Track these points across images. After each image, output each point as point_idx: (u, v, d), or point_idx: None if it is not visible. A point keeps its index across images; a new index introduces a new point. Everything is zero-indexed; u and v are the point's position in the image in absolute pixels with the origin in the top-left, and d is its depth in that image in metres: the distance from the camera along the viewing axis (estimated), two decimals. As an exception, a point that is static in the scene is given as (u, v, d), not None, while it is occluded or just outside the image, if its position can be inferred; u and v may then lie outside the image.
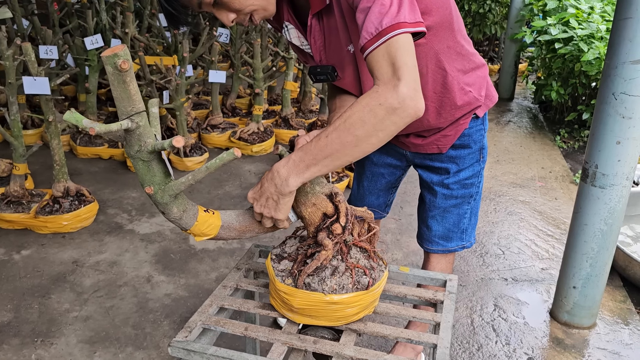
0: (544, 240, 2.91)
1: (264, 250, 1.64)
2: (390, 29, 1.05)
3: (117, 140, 1.17)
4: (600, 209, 2.01)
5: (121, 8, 4.34)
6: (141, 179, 1.18)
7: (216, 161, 1.12)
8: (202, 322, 1.32)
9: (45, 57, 3.27)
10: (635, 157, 1.93)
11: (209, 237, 1.32)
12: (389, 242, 2.82)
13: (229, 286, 1.46)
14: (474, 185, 1.68)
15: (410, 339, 1.30)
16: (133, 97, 1.06)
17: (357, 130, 1.08)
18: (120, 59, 1.00)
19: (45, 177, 3.36)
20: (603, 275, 2.13)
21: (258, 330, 1.29)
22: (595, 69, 3.78)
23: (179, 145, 1.05)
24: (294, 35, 1.40)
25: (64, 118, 0.98)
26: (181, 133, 3.61)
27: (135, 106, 1.07)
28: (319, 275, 1.26)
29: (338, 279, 1.26)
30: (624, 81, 1.82)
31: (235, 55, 4.22)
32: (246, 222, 1.35)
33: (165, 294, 2.37)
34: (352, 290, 1.26)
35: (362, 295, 1.27)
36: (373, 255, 1.34)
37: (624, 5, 1.76)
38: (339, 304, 1.26)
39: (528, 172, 3.76)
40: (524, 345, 2.13)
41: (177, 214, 1.24)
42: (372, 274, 1.30)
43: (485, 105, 1.57)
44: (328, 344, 1.26)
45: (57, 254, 2.64)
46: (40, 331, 2.12)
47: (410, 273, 1.56)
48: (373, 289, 1.29)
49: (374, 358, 1.21)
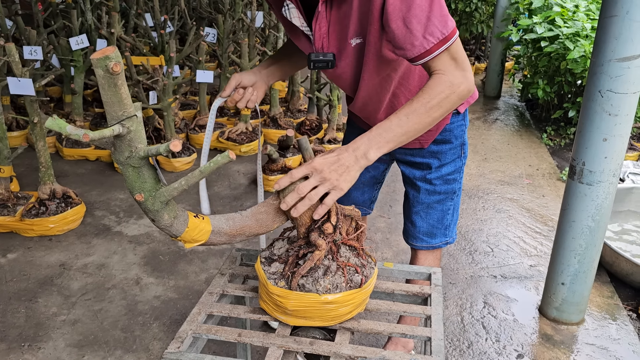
0: (532, 237, 2.93)
1: (246, 254, 1.63)
2: (452, 32, 1.22)
3: (104, 147, 1.11)
4: (587, 205, 2.02)
5: (107, 8, 4.30)
6: (130, 186, 1.15)
7: (210, 164, 1.09)
8: (192, 331, 1.30)
9: (29, 57, 3.22)
10: (622, 154, 1.95)
11: (200, 243, 1.30)
12: (379, 241, 2.82)
13: (215, 292, 1.44)
14: (456, 181, 1.71)
15: (404, 334, 1.31)
16: (124, 101, 1.03)
17: (434, 113, 1.24)
18: (112, 61, 0.97)
19: (31, 179, 3.32)
20: (591, 272, 2.15)
21: (252, 335, 1.28)
22: (581, 67, 3.82)
23: (176, 149, 1.01)
24: (295, 15, 1.38)
25: (46, 125, 0.94)
26: (169, 134, 3.59)
27: (126, 110, 1.03)
28: (312, 275, 1.26)
29: (331, 278, 1.26)
30: (610, 79, 1.84)
31: (223, 55, 4.20)
32: (236, 226, 1.32)
33: (155, 296, 2.35)
34: (345, 288, 1.26)
35: (356, 293, 1.27)
36: (362, 253, 1.34)
37: (610, 4, 1.77)
38: (334, 303, 1.25)
39: (515, 170, 3.79)
40: (513, 342, 2.15)
41: (168, 221, 1.21)
42: (363, 271, 1.30)
43: (467, 102, 1.62)
44: (325, 344, 1.25)
45: (44, 257, 2.61)
46: (28, 336, 2.09)
47: (395, 268, 1.57)
48: (366, 286, 1.29)
49: (372, 355, 1.21)
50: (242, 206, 3.17)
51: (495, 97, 5.47)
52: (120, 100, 1.02)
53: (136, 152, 1.08)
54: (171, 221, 1.22)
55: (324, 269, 1.27)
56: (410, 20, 1.20)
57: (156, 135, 3.74)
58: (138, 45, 3.90)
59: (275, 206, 1.32)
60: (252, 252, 1.63)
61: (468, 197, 3.34)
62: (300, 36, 1.44)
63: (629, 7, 1.72)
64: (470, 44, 6.71)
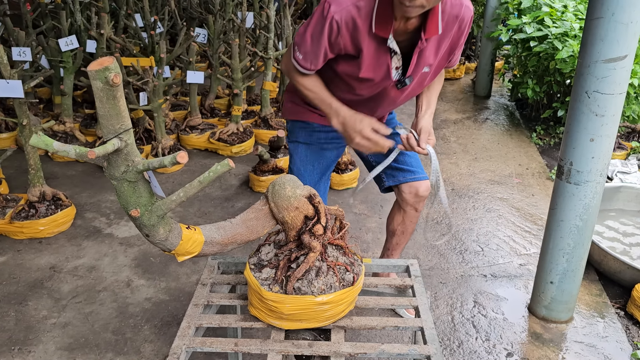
0: (522, 236, 2.95)
1: (223, 262, 1.63)
2: None
3: (96, 162, 1.06)
4: (575, 205, 2.04)
5: (96, 9, 4.27)
6: (125, 202, 1.10)
7: (209, 174, 1.06)
8: (186, 345, 1.29)
9: (18, 59, 3.20)
10: (609, 154, 1.97)
11: (193, 255, 1.29)
12: (370, 241, 2.83)
13: (200, 304, 1.44)
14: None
15: (397, 326, 1.33)
16: (122, 114, 0.99)
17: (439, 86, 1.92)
18: (111, 72, 0.93)
19: (20, 181, 3.30)
20: (579, 270, 2.18)
21: (249, 343, 1.28)
22: (570, 67, 3.85)
23: (183, 161, 0.98)
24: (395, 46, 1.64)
25: (30, 143, 0.91)
26: (159, 135, 3.58)
27: (124, 123, 1.00)
28: (306, 278, 1.26)
29: (324, 279, 1.27)
30: (596, 80, 1.86)
31: (214, 56, 4.20)
32: (228, 235, 1.31)
33: (146, 298, 2.34)
34: (339, 288, 1.27)
35: (349, 291, 1.28)
36: (348, 252, 1.35)
37: (596, 5, 1.79)
38: (329, 303, 1.27)
39: (505, 169, 3.81)
40: (503, 341, 2.16)
41: (163, 235, 1.17)
42: (353, 269, 1.31)
43: None
44: (324, 344, 1.26)
45: (34, 259, 2.60)
46: (18, 339, 2.09)
47: (373, 263, 1.62)
48: (357, 283, 1.30)
49: (372, 350, 1.22)
50: (233, 207, 3.17)
51: (486, 96, 5.50)
52: (118, 113, 0.99)
53: (133, 167, 1.04)
54: (166, 235, 1.18)
55: (315, 270, 1.28)
56: (456, 49, 1.77)
57: (146, 137, 3.73)
58: (128, 46, 3.88)
59: (264, 211, 1.32)
60: (229, 260, 1.64)
61: (458, 196, 3.36)
62: (382, 71, 1.69)
63: (614, 9, 1.74)
64: (460, 44, 6.75)
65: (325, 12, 1.56)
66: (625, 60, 1.82)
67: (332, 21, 1.55)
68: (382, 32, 1.56)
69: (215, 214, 3.08)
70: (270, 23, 3.97)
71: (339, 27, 1.56)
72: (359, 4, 1.55)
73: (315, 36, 1.61)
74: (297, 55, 1.68)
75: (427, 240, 2.87)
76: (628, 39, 1.78)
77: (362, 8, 1.55)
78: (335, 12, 1.54)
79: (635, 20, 1.76)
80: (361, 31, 1.57)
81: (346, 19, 1.55)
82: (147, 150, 3.64)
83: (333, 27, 1.56)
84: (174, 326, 2.18)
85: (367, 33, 1.58)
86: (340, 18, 1.54)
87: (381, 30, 1.56)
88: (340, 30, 1.56)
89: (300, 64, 1.69)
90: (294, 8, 4.71)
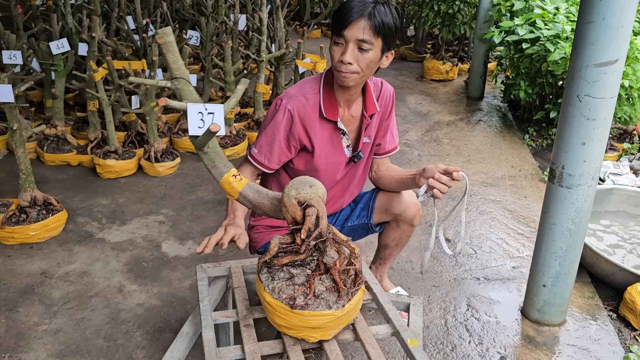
0: (515, 239, 2.96)
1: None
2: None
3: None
4: (567, 208, 2.05)
5: (88, 11, 4.25)
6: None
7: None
8: None
9: (9, 62, 3.18)
10: (600, 157, 1.98)
11: (232, 197, 1.39)
12: (363, 245, 2.83)
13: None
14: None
15: None
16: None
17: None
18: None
19: (11, 186, 3.27)
20: (572, 273, 2.18)
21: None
22: (562, 69, 3.86)
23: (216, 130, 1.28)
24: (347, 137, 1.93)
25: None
26: (152, 138, 3.56)
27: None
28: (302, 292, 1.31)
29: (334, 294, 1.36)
30: (587, 84, 1.86)
31: (206, 58, 4.19)
32: (257, 200, 1.39)
33: (138, 304, 2.33)
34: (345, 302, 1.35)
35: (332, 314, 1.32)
36: (341, 289, 1.35)
37: (587, 10, 1.80)
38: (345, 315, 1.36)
39: (498, 171, 3.82)
40: (496, 344, 2.17)
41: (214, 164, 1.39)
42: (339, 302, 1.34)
43: None
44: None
45: (25, 265, 2.58)
46: (8, 346, 2.07)
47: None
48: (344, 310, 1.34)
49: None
50: (226, 211, 3.15)
51: (478, 98, 5.52)
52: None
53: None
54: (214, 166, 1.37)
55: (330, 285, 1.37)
56: (390, 126, 2.06)
57: (139, 140, 3.72)
58: (120, 49, 3.86)
59: (279, 198, 1.37)
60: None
61: (452, 199, 3.37)
62: (336, 148, 1.91)
63: (605, 14, 1.75)
64: (453, 46, 6.75)
65: (278, 106, 1.80)
66: (616, 64, 1.82)
67: (285, 111, 1.78)
68: (331, 115, 1.82)
69: (208, 217, 3.07)
70: (263, 25, 3.96)
71: (292, 116, 1.78)
72: (307, 95, 1.81)
73: (270, 130, 1.81)
74: (253, 151, 1.86)
75: (420, 243, 2.87)
76: (619, 43, 1.79)
77: (310, 98, 1.81)
78: (288, 103, 1.79)
79: (626, 24, 1.77)
80: (312, 118, 1.81)
81: (298, 108, 1.78)
82: (140, 153, 3.62)
83: (287, 116, 1.78)
84: (167, 332, 2.17)
85: (318, 119, 1.82)
86: (293, 107, 1.78)
87: (330, 114, 1.82)
88: (293, 118, 1.78)
89: (254, 159, 1.85)
90: (286, 10, 4.70)
